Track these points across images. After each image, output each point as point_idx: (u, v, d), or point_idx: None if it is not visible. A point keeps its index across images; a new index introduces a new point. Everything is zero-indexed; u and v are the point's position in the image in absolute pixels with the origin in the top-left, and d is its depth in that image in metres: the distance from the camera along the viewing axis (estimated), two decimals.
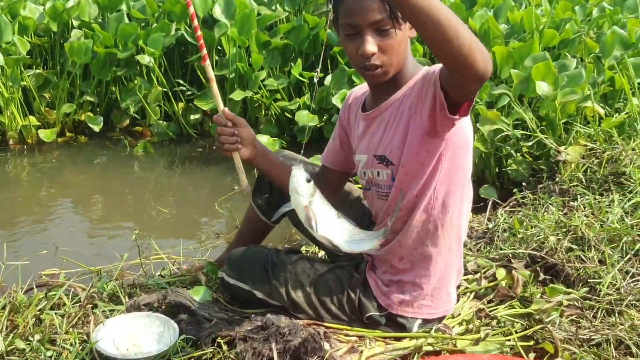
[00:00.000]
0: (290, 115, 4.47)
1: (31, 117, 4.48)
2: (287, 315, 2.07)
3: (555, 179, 3.04)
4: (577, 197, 2.75)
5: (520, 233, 2.55)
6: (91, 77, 4.66)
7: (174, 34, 4.55)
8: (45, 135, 4.44)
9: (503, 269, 2.34)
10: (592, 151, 3.12)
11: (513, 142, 3.31)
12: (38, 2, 4.88)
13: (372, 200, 2.06)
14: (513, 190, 3.31)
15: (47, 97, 4.64)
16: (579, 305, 2.17)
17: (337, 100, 3.84)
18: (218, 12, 4.47)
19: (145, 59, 4.43)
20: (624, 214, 2.53)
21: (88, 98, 4.63)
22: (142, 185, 4.17)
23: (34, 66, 4.64)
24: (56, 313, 2.01)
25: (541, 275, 2.30)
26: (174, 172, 4.34)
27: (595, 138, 3.20)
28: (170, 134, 4.69)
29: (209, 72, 2.01)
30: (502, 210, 2.87)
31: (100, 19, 4.80)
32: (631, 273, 2.26)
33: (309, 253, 2.70)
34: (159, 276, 2.46)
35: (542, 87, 3.26)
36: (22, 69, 4.42)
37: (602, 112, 3.26)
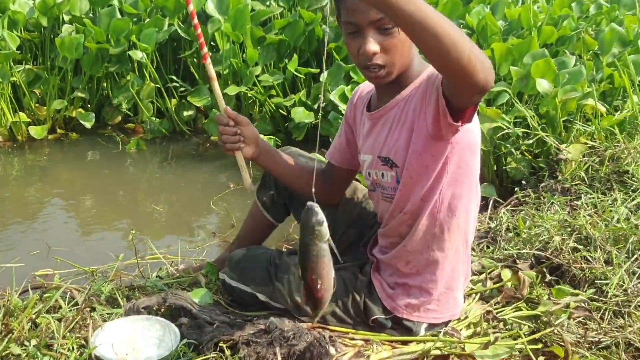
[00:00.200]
0: (285, 112, 4.42)
1: (21, 114, 4.40)
2: (291, 318, 2.03)
3: (556, 178, 3.01)
4: (581, 196, 2.72)
5: (524, 233, 2.51)
6: (82, 73, 4.58)
7: (167, 30, 4.48)
8: (35, 132, 4.36)
9: (508, 270, 2.30)
10: (593, 149, 3.09)
11: (513, 140, 3.27)
12: None
13: (378, 201, 2.02)
14: (512, 188, 3.28)
15: (38, 93, 4.56)
16: (586, 307, 2.14)
17: (335, 96, 3.79)
18: (211, 8, 4.40)
19: (137, 55, 4.35)
20: (629, 213, 2.49)
21: (79, 94, 4.55)
22: (135, 183, 4.10)
23: (24, 61, 4.55)
24: (52, 317, 1.95)
25: (547, 276, 2.26)
26: (168, 170, 4.27)
27: (595, 136, 3.18)
28: (163, 131, 4.62)
29: (210, 71, 1.96)
30: (504, 209, 2.83)
31: (91, 14, 4.71)
32: (638, 274, 2.23)
33: None
34: (157, 277, 2.40)
35: (543, 85, 3.22)
36: (12, 65, 4.33)
37: (604, 110, 3.23)
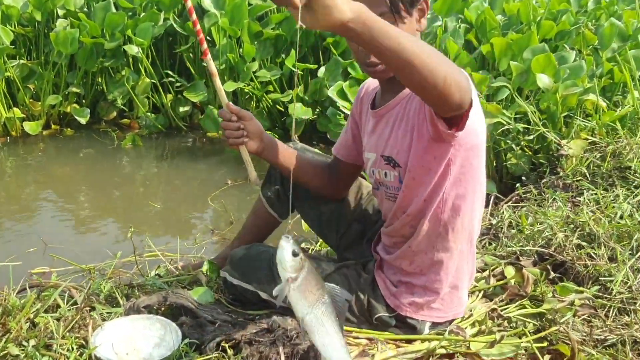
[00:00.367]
0: (282, 107, 4.38)
1: (15, 109, 4.34)
2: (293, 317, 2.00)
3: (557, 174, 2.99)
4: (583, 192, 2.70)
5: (527, 229, 2.49)
6: (77, 68, 4.53)
7: (163, 24, 4.44)
8: (30, 127, 4.31)
9: (511, 267, 2.28)
10: (594, 145, 3.07)
11: (513, 136, 3.25)
12: None
13: (382, 200, 1.99)
14: (512, 184, 3.26)
15: (32, 89, 4.51)
16: (591, 304, 2.12)
17: (333, 92, 3.75)
18: (207, 2, 4.36)
19: (133, 50, 4.31)
20: (633, 210, 2.48)
21: (74, 89, 4.49)
22: (132, 179, 4.06)
23: (18, 56, 4.49)
24: (51, 316, 1.91)
25: (552, 273, 2.24)
26: (164, 166, 4.23)
27: (596, 132, 3.16)
28: (159, 127, 4.58)
29: (211, 67, 1.93)
30: (506, 205, 2.81)
31: (86, 8, 4.66)
32: None
33: (313, 251, 2.62)
34: (156, 275, 2.36)
35: (543, 80, 3.20)
36: (6, 59, 4.27)
37: (604, 105, 3.21)
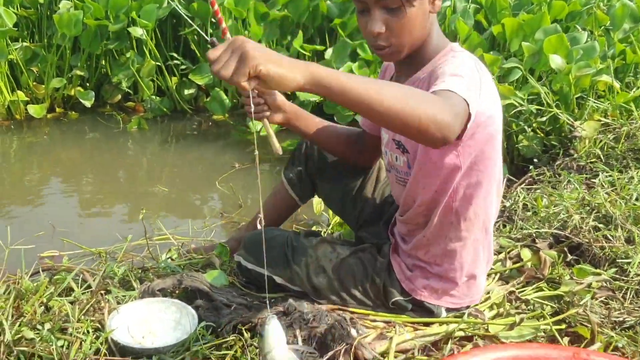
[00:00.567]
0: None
1: (19, 92, 4.30)
2: (308, 300, 1.98)
3: (570, 155, 2.96)
4: (598, 174, 2.67)
5: (542, 211, 2.46)
6: (81, 51, 4.47)
7: (168, 6, 4.37)
8: (34, 110, 4.26)
9: (527, 250, 2.26)
10: (608, 127, 3.04)
11: (525, 118, 3.21)
12: None
13: (393, 183, 1.98)
14: (523, 166, 3.23)
15: (35, 72, 4.46)
16: (609, 286, 2.10)
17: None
18: None
19: (137, 32, 4.25)
20: None
21: (78, 72, 4.44)
22: (138, 163, 4.03)
23: (20, 39, 4.44)
24: (66, 299, 1.89)
25: (569, 255, 2.22)
26: (170, 150, 4.20)
27: (609, 113, 3.12)
28: (164, 110, 4.53)
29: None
30: (519, 187, 2.78)
31: None
32: None
33: (326, 234, 2.60)
34: (169, 259, 2.34)
35: (556, 61, 3.16)
36: (9, 42, 4.22)
37: (618, 86, 3.17)
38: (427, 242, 1.88)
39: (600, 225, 2.33)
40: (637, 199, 2.43)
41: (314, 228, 2.78)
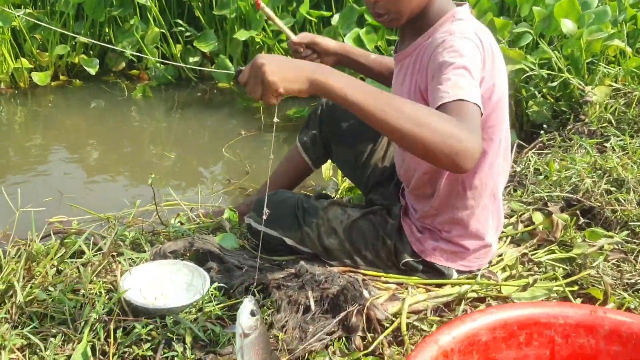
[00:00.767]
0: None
1: (23, 60, 4.26)
2: (320, 263, 1.98)
3: (581, 121, 2.93)
4: (609, 139, 2.64)
5: (554, 175, 2.44)
6: (84, 18, 4.42)
7: None
8: (39, 78, 4.23)
9: (539, 213, 2.24)
10: (618, 92, 3.01)
11: (535, 83, 3.18)
12: None
13: (396, 149, 1.97)
14: (532, 132, 3.21)
15: (39, 39, 4.41)
16: (621, 249, 2.09)
17: (349, 40, 3.67)
18: None
19: None
20: None
21: (81, 39, 4.40)
22: (143, 130, 4.00)
23: (23, 5, 4.38)
24: (78, 261, 1.89)
25: (581, 219, 2.20)
26: (175, 117, 4.17)
27: (619, 78, 3.09)
28: (168, 78, 4.50)
29: (268, 13, 2.01)
30: (530, 152, 2.76)
31: None
32: None
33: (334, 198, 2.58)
34: (179, 223, 2.33)
35: (567, 25, 3.11)
36: (12, 9, 4.17)
37: (630, 51, 3.13)
38: (435, 212, 1.88)
39: (612, 188, 2.31)
40: None
41: (323, 192, 2.77)
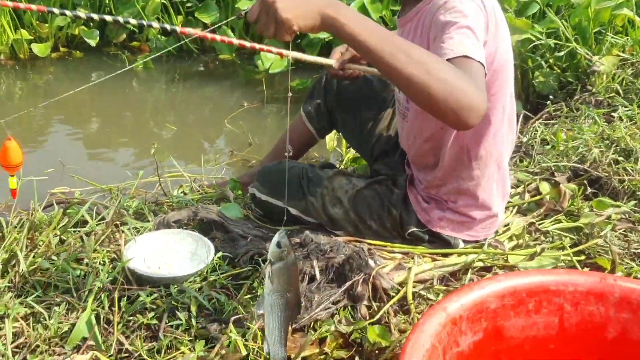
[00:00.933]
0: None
1: (23, 31, 4.20)
2: (324, 232, 1.96)
3: (588, 91, 2.90)
4: (618, 108, 2.61)
5: (561, 145, 2.42)
6: None
7: None
8: (39, 49, 4.18)
9: (546, 183, 2.22)
10: (626, 62, 2.97)
11: (542, 53, 3.14)
12: None
13: (398, 118, 1.95)
14: (538, 103, 3.17)
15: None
16: (629, 218, 2.07)
17: (354, 8, 3.60)
18: None
19: None
20: None
21: (81, 10, 4.34)
22: (145, 102, 3.96)
23: None
24: (81, 230, 1.87)
25: (588, 189, 2.18)
26: (177, 89, 4.13)
27: (627, 48, 3.05)
28: (169, 49, 4.44)
29: (296, 57, 1.93)
30: (537, 122, 2.73)
31: None
32: None
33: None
34: (182, 193, 2.31)
35: None
36: None
37: (639, 21, 3.08)
38: (440, 183, 1.86)
39: (619, 158, 2.29)
40: None
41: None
